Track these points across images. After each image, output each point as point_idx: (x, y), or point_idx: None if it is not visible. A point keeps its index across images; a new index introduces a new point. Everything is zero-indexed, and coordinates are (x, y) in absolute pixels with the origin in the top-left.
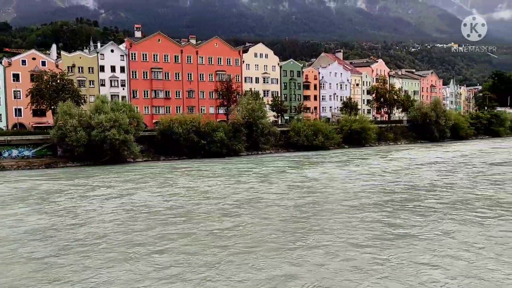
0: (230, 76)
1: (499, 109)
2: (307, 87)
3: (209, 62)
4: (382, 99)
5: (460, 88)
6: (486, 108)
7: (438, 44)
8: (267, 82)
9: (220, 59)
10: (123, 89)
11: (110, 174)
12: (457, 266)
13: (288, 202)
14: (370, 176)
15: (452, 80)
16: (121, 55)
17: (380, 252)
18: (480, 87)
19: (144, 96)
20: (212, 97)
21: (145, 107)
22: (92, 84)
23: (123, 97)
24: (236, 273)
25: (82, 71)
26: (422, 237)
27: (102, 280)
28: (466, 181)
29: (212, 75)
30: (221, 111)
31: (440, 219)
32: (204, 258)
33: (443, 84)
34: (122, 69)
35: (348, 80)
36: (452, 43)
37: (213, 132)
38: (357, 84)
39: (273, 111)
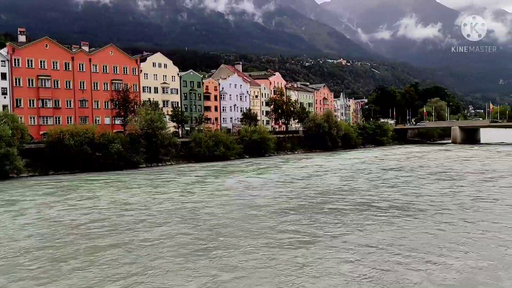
0: (127, 85)
1: (382, 120)
2: (207, 98)
3: (103, 71)
4: (279, 110)
5: (349, 100)
6: (371, 119)
7: (329, 60)
8: (167, 92)
9: (116, 67)
10: (5, 97)
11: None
12: (368, 262)
13: (214, 209)
14: (283, 183)
15: (342, 93)
16: (1, 61)
17: (303, 251)
18: (366, 100)
19: (30, 106)
20: (107, 107)
21: (30, 118)
22: None
23: (5, 107)
24: (168, 279)
25: None
26: (338, 237)
27: None
28: (367, 185)
29: (107, 84)
30: (118, 121)
31: (351, 220)
32: (136, 267)
33: (334, 97)
34: (3, 76)
35: (247, 91)
36: (341, 59)
37: (109, 143)
38: (256, 96)
39: (174, 121)
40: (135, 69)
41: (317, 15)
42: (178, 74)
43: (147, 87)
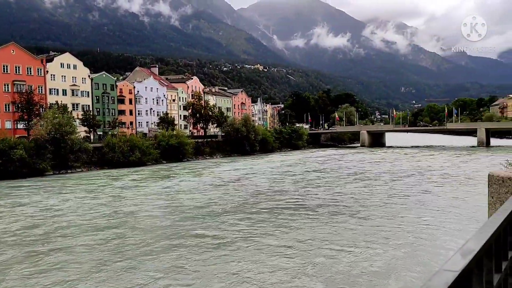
0: (31, 87)
1: (298, 125)
2: (122, 101)
3: (4, 71)
4: (198, 114)
5: (266, 105)
6: (287, 124)
7: (246, 65)
8: (77, 95)
9: (18, 67)
10: None
11: None
12: (301, 256)
13: (147, 213)
14: (214, 186)
15: (259, 98)
16: None
17: (237, 251)
18: (282, 105)
19: None
20: (8, 110)
21: None
22: None
23: None
24: (113, 281)
25: None
26: (272, 235)
27: None
28: (294, 186)
29: (8, 85)
30: (21, 126)
31: (283, 219)
32: (80, 271)
33: (252, 102)
34: None
35: (164, 95)
36: (258, 64)
37: (11, 149)
38: (174, 100)
39: (85, 126)
40: (40, 69)
41: (234, 20)
42: (89, 76)
43: (55, 89)
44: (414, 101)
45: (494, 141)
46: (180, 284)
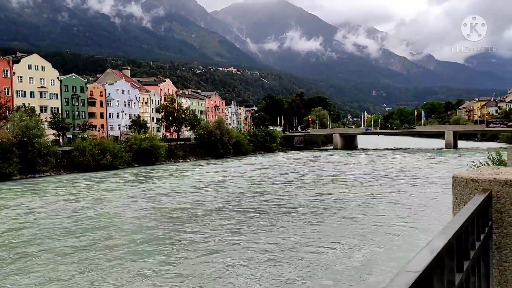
0: None
1: (271, 127)
2: (92, 104)
3: None
4: (171, 117)
5: (240, 108)
6: (261, 126)
7: (220, 68)
8: (45, 97)
9: None
10: None
11: None
12: (286, 253)
13: (130, 215)
14: (196, 189)
15: (233, 101)
16: None
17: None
18: (256, 108)
19: None
20: None
21: None
22: None
23: None
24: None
25: None
26: (257, 237)
27: None
28: (274, 188)
29: None
30: None
31: (267, 221)
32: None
33: (226, 105)
34: None
35: (136, 98)
36: (232, 67)
37: None
38: (146, 102)
39: (53, 129)
40: (6, 71)
41: (207, 23)
42: (58, 78)
43: (22, 91)
44: (385, 104)
45: (461, 143)
46: (166, 285)
